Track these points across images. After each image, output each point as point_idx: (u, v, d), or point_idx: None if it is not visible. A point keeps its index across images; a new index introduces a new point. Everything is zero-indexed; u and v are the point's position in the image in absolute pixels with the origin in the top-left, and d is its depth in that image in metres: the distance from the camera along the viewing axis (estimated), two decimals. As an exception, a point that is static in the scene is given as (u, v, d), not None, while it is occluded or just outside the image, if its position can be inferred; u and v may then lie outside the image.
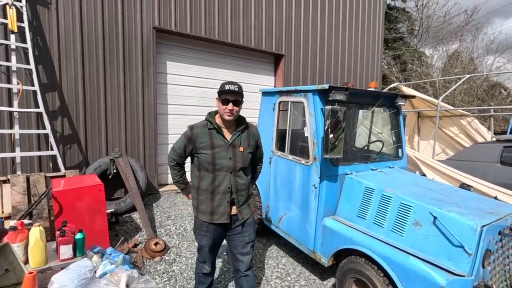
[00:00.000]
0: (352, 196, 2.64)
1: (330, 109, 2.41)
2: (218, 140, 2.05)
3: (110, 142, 4.96)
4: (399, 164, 3.26)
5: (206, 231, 2.13)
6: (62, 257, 2.36)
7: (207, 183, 2.06)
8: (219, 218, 2.08)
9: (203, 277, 2.31)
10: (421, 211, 2.13)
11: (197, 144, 2.04)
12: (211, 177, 2.05)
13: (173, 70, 5.80)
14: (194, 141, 2.05)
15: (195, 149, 2.06)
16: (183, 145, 2.09)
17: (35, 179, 3.60)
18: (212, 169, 2.03)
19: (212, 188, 2.06)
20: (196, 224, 2.19)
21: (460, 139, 6.74)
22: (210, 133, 2.06)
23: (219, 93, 2.04)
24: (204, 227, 2.12)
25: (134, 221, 4.18)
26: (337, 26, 8.04)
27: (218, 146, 2.03)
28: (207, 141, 2.03)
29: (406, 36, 18.96)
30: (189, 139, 2.06)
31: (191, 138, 2.06)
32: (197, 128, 2.08)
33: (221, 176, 2.05)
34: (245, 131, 2.16)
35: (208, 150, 2.02)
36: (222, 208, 2.08)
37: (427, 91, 14.12)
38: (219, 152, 2.03)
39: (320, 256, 2.70)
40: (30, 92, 4.19)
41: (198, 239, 2.20)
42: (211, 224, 2.10)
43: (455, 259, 1.89)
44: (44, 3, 4.31)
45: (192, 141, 2.05)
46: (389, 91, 7.47)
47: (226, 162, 2.04)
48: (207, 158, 2.02)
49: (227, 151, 2.04)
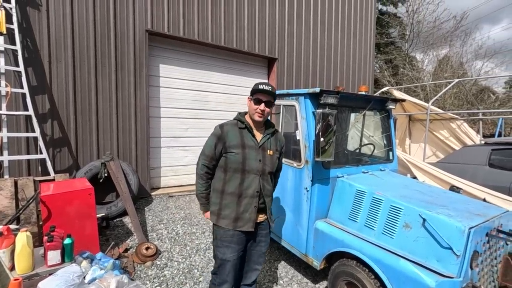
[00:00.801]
0: (344, 199, 2.65)
1: (321, 113, 2.43)
2: (249, 140, 1.97)
3: (101, 145, 4.90)
4: (390, 167, 3.29)
5: (231, 241, 1.91)
6: (50, 263, 2.31)
7: (234, 186, 1.93)
8: (243, 225, 1.93)
9: None
10: (411, 213, 2.16)
11: (227, 143, 1.94)
12: (239, 179, 1.93)
13: (166, 73, 5.78)
14: (224, 139, 1.94)
15: (224, 148, 1.94)
16: (213, 145, 1.96)
17: (23, 183, 3.53)
18: (241, 170, 1.92)
19: (239, 191, 1.93)
20: (217, 235, 1.97)
21: (450, 142, 6.86)
22: (240, 132, 1.98)
23: (252, 92, 1.97)
24: (228, 236, 1.91)
25: (125, 226, 4.13)
26: (329, 31, 8.14)
27: (248, 147, 1.95)
28: (238, 140, 1.94)
29: (397, 41, 19.30)
30: (219, 137, 1.96)
31: (221, 136, 1.95)
32: (227, 126, 1.99)
33: (250, 178, 1.94)
34: (274, 135, 2.10)
35: (239, 149, 1.92)
36: (248, 214, 1.94)
37: (418, 95, 14.36)
38: (249, 152, 1.94)
39: (312, 259, 2.70)
40: (19, 95, 4.12)
41: (221, 253, 1.93)
42: (236, 232, 1.93)
43: (444, 261, 1.91)
44: (34, 4, 4.26)
45: (222, 139, 1.95)
46: (380, 95, 7.57)
47: (256, 164, 1.95)
48: (237, 158, 1.91)
49: (257, 152, 1.97)
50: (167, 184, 5.93)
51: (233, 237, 1.92)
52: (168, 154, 5.91)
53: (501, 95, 15.12)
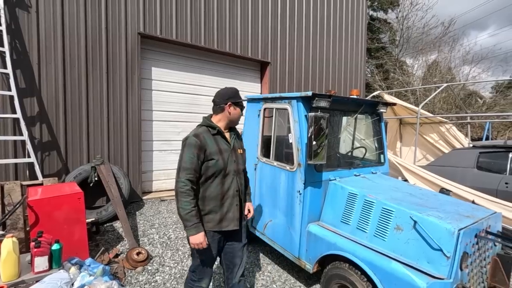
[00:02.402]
0: (336, 202, 2.67)
1: (314, 116, 2.44)
2: (223, 144, 2.03)
3: (92, 149, 4.82)
4: (381, 170, 3.33)
5: (212, 242, 1.97)
6: (37, 270, 2.25)
7: (215, 190, 1.97)
8: (228, 225, 1.99)
9: None
10: (402, 216, 2.18)
11: (208, 151, 1.94)
12: (219, 183, 1.98)
13: (158, 76, 5.75)
14: (205, 148, 1.93)
15: (205, 157, 1.93)
16: (195, 157, 1.89)
17: (10, 187, 3.44)
18: (222, 174, 1.98)
19: (221, 193, 1.98)
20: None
21: (440, 145, 6.99)
22: (214, 138, 2.01)
23: (236, 100, 2.06)
24: (209, 237, 1.95)
25: (116, 230, 4.06)
26: (321, 35, 8.23)
27: (225, 151, 2.01)
28: (215, 147, 1.97)
29: (388, 46, 19.65)
30: (200, 147, 1.91)
31: (201, 145, 1.92)
32: (203, 134, 1.98)
33: (229, 180, 2.01)
34: (235, 135, 2.17)
35: (218, 155, 1.96)
36: (231, 213, 2.01)
37: (408, 99, 14.62)
38: (226, 156, 2.00)
39: (305, 263, 2.69)
40: (6, 97, 4.04)
41: (200, 253, 1.97)
42: (219, 233, 1.99)
43: (435, 262, 1.93)
44: (23, 6, 4.20)
45: (203, 148, 1.92)
46: (372, 98, 7.67)
47: (233, 166, 2.03)
48: (219, 163, 1.95)
49: (231, 154, 2.04)
50: (159, 188, 5.87)
51: (214, 238, 1.99)
52: (160, 157, 5.86)
53: (488, 99, 15.51)
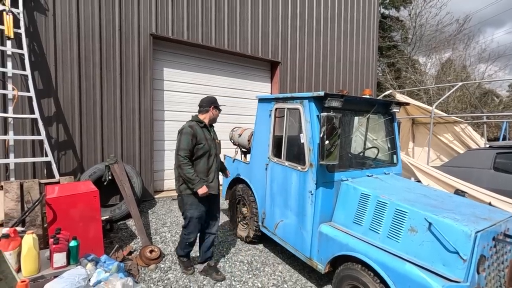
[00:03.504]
0: (348, 203, 2.65)
1: (326, 116, 2.43)
2: (207, 134, 2.88)
3: (105, 148, 4.93)
4: (394, 171, 3.28)
5: (199, 204, 2.78)
6: (55, 265, 2.32)
7: (203, 166, 2.81)
8: (212, 190, 2.83)
9: (188, 242, 2.90)
10: (416, 217, 2.15)
11: (198, 138, 2.76)
12: (206, 160, 2.82)
13: (170, 77, 5.83)
14: (196, 135, 2.74)
15: (196, 142, 2.74)
16: (190, 141, 2.71)
17: (29, 185, 3.55)
18: (208, 155, 2.82)
19: (207, 168, 2.84)
20: (188, 201, 2.78)
21: (454, 146, 6.82)
22: (202, 129, 2.84)
23: (216, 105, 2.98)
24: (197, 201, 2.76)
25: (129, 228, 4.14)
26: (332, 34, 8.17)
27: (208, 139, 2.86)
28: (202, 135, 2.81)
29: (400, 44, 19.30)
30: (193, 134, 2.73)
31: (194, 133, 2.73)
32: (194, 126, 2.80)
33: (212, 159, 2.88)
34: (213, 129, 3.03)
35: (205, 141, 2.80)
36: (213, 182, 2.88)
37: (421, 98, 14.33)
38: (210, 142, 2.86)
39: (316, 263, 2.69)
40: (25, 98, 4.17)
41: (190, 213, 2.78)
42: (205, 197, 2.77)
43: (450, 265, 1.90)
44: (41, 9, 4.33)
45: (195, 135, 2.74)
46: (383, 98, 7.56)
47: (214, 150, 2.91)
48: (205, 147, 2.79)
49: (212, 142, 2.92)
50: (171, 187, 5.94)
51: (201, 200, 2.78)
52: (171, 157, 5.92)
53: (505, 98, 15.05)
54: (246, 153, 4.37)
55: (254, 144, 3.67)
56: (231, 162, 4.20)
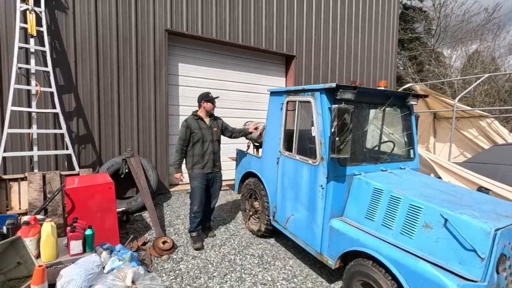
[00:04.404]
0: (360, 197, 2.58)
1: (337, 108, 2.37)
2: (202, 124, 3.52)
3: (122, 142, 5.08)
4: (410, 166, 3.16)
5: (198, 178, 3.47)
6: (72, 252, 2.43)
7: (199, 150, 3.48)
8: (207, 169, 3.51)
9: (195, 214, 3.49)
10: (432, 213, 2.05)
11: (191, 129, 3.45)
12: (200, 146, 3.48)
13: (185, 72, 5.89)
14: (190, 127, 3.46)
15: (190, 132, 3.45)
16: (184, 132, 3.45)
17: (51, 177, 3.73)
18: (202, 141, 3.47)
19: (202, 151, 3.49)
20: (193, 176, 3.49)
21: (479, 141, 6.46)
22: (197, 121, 3.51)
23: (207, 99, 3.57)
24: (197, 175, 3.47)
25: (144, 220, 4.26)
26: (349, 27, 7.94)
27: (203, 128, 3.50)
28: (196, 125, 3.48)
29: (423, 36, 18.46)
30: (186, 126, 3.46)
31: (187, 125, 3.46)
32: (189, 120, 3.51)
33: (207, 144, 3.50)
34: (216, 120, 3.69)
35: (198, 130, 3.46)
36: (208, 163, 3.52)
37: (445, 92, 13.68)
38: (204, 131, 3.49)
39: (327, 258, 2.64)
40: (47, 93, 4.35)
41: (193, 184, 3.48)
42: (202, 174, 3.48)
43: (467, 264, 1.81)
44: (62, 8, 4.49)
45: (189, 127, 3.46)
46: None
47: (209, 137, 3.51)
48: (198, 135, 3.45)
49: (208, 130, 3.53)
50: (185, 181, 6.02)
51: (198, 176, 3.48)
52: (186, 151, 6.02)
53: (538, 91, 14.05)
54: (259, 147, 4.35)
55: (265, 138, 3.65)
56: (243, 156, 4.20)
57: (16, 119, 4.24)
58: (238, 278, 2.92)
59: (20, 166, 4.32)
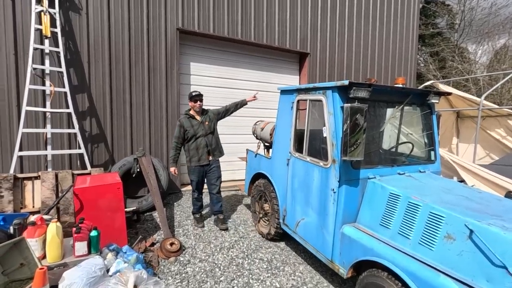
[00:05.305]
0: (375, 203, 2.41)
1: (349, 107, 2.21)
2: (193, 122, 3.83)
3: (134, 142, 5.11)
4: (431, 169, 2.94)
5: (195, 170, 3.86)
6: (77, 253, 2.41)
7: (193, 145, 3.81)
8: (202, 162, 3.84)
9: (196, 199, 4.05)
10: (455, 223, 1.86)
11: (184, 127, 3.77)
12: (194, 141, 3.80)
13: (196, 71, 5.85)
14: (183, 125, 3.77)
15: (184, 130, 3.77)
16: (178, 130, 3.79)
17: (63, 176, 3.78)
18: (195, 137, 3.79)
19: (196, 146, 3.81)
20: (190, 169, 3.89)
21: (508, 142, 6.03)
22: (189, 119, 3.83)
23: (192, 98, 3.81)
24: (194, 169, 3.85)
25: (154, 220, 4.24)
26: (366, 23, 7.64)
27: (194, 125, 3.81)
28: (189, 123, 3.80)
29: (445, 31, 17.63)
30: (180, 125, 3.78)
31: (181, 124, 3.79)
32: (182, 119, 3.84)
33: (199, 139, 3.81)
34: (207, 113, 3.95)
35: (190, 128, 3.78)
36: (204, 156, 3.83)
37: (469, 89, 12.99)
38: (196, 127, 3.80)
39: (338, 267, 2.49)
40: (62, 94, 4.42)
41: (191, 177, 3.92)
42: (199, 166, 3.85)
43: (496, 281, 1.61)
44: (75, 9, 4.54)
45: (182, 126, 3.77)
46: (424, 89, 6.93)
47: (201, 131, 3.81)
48: (191, 131, 3.78)
49: (200, 125, 3.82)
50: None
51: (195, 169, 3.86)
52: (197, 151, 5.99)
53: None
54: (269, 148, 4.23)
55: (275, 138, 3.52)
56: (253, 157, 4.09)
57: (33, 119, 4.34)
58: (245, 283, 2.82)
59: (36, 165, 4.41)
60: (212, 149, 3.88)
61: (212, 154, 3.88)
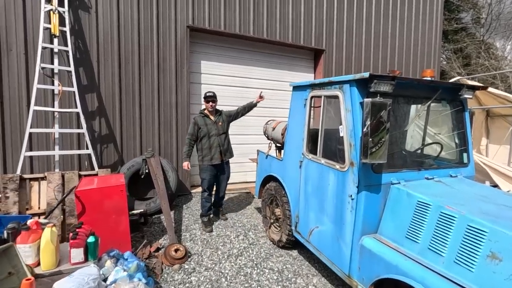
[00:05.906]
0: (400, 212, 2.11)
1: (371, 103, 1.94)
2: (207, 121, 3.86)
3: (144, 142, 5.00)
4: (464, 173, 2.60)
5: (207, 169, 3.84)
6: (73, 261, 2.26)
7: (206, 144, 3.81)
8: (215, 161, 3.82)
9: (206, 199, 3.93)
10: (501, 239, 1.55)
11: (198, 125, 3.81)
12: (207, 140, 3.81)
13: (207, 70, 5.69)
14: (197, 123, 3.81)
15: (198, 128, 3.80)
16: (193, 128, 3.82)
17: (69, 177, 3.68)
18: (208, 136, 3.81)
19: (209, 145, 3.81)
20: (202, 168, 3.88)
21: (545, 143, 5.48)
22: (203, 118, 3.86)
23: (205, 98, 3.89)
24: (206, 168, 3.84)
25: (161, 223, 4.09)
26: (386, 18, 7.23)
27: (208, 124, 3.84)
28: (203, 122, 3.83)
29: (470, 26, 16.70)
30: (194, 123, 3.83)
31: (195, 122, 3.83)
32: (197, 117, 3.88)
33: (213, 138, 3.82)
34: (221, 114, 3.98)
35: (204, 127, 3.82)
36: (216, 155, 3.82)
37: (497, 87, 12.17)
38: (210, 126, 3.83)
39: (357, 283, 2.21)
40: (71, 93, 4.37)
41: (203, 176, 3.87)
42: (211, 165, 3.83)
43: (558, 316, 1.30)
44: (85, 7, 4.48)
45: (196, 124, 3.81)
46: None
47: (215, 131, 3.83)
48: (204, 130, 3.80)
49: (214, 125, 3.85)
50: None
51: (207, 167, 3.84)
52: (208, 151, 5.82)
53: None
54: (281, 149, 3.98)
55: (287, 138, 3.27)
56: (264, 158, 3.86)
57: (42, 118, 4.31)
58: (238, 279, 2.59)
59: (46, 165, 4.38)
60: (224, 149, 3.87)
61: (224, 155, 3.88)
